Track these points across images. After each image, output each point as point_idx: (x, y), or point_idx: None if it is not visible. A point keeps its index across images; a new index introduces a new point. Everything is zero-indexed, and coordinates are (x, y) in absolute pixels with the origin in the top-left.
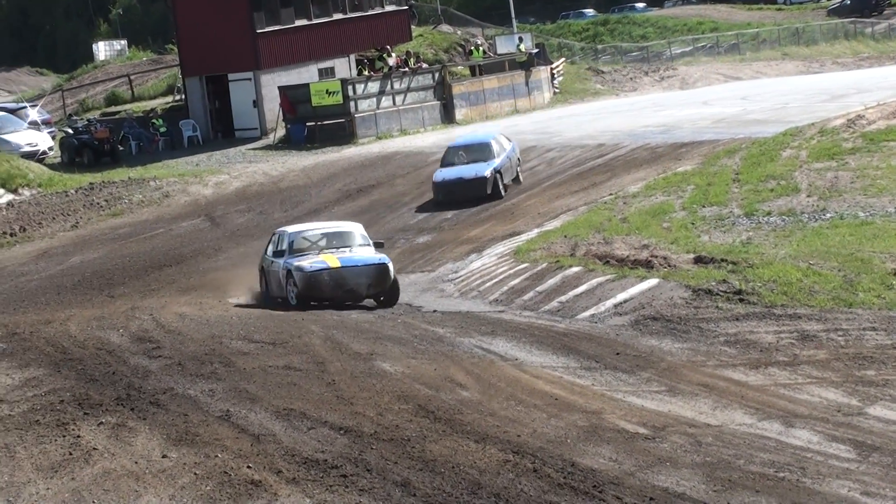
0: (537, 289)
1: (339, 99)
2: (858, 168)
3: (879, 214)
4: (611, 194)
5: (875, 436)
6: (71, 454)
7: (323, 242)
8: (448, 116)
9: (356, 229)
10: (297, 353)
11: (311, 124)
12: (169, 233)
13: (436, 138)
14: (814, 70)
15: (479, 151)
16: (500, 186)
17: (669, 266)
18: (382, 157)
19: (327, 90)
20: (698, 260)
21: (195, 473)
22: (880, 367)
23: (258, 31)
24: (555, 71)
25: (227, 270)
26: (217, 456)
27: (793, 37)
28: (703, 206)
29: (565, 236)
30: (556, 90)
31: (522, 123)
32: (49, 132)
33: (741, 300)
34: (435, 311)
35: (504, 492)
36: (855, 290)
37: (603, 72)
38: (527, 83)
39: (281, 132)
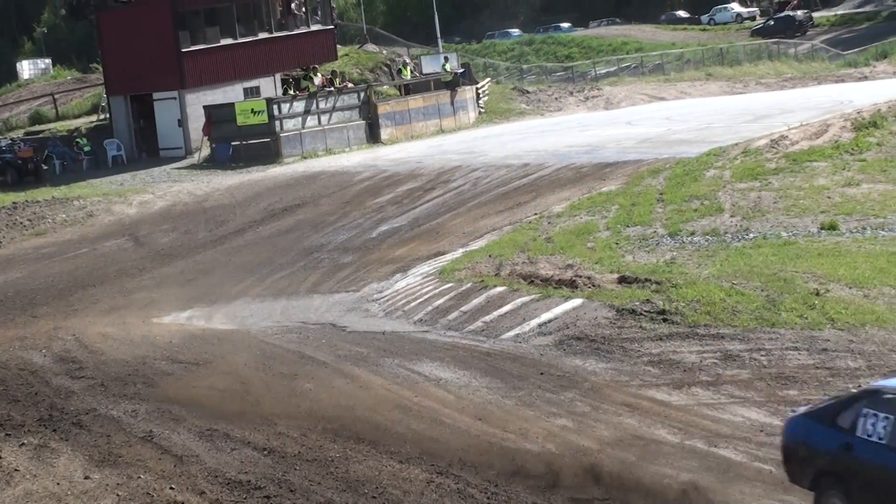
0: (462, 308)
1: (264, 118)
2: (781, 188)
3: (802, 234)
4: (535, 214)
5: None
6: None
7: None
8: (373, 136)
9: None
10: (221, 373)
11: (237, 143)
12: (93, 252)
13: (361, 158)
14: (737, 90)
15: None
16: None
17: (593, 286)
18: (307, 176)
19: (252, 109)
20: (622, 280)
21: (118, 494)
22: (802, 386)
23: (183, 49)
24: (480, 91)
25: (151, 290)
26: (140, 477)
27: (717, 57)
28: (628, 226)
29: (490, 256)
30: (482, 110)
31: (448, 143)
32: None
33: (665, 320)
34: (357, 331)
35: None
36: (777, 309)
37: (528, 91)
38: (452, 103)
39: (206, 151)
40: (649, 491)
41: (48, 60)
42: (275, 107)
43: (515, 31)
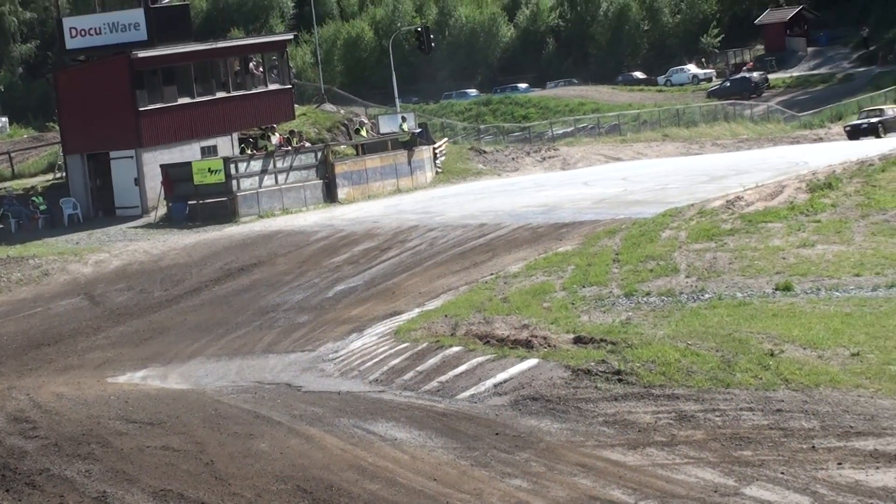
0: (417, 368)
1: (221, 177)
2: (737, 249)
3: (757, 295)
4: (492, 274)
5: None
6: None
7: None
8: (330, 195)
9: None
10: (176, 433)
11: (193, 202)
12: (47, 311)
13: (318, 217)
14: (694, 151)
15: None
16: None
17: (549, 346)
18: (264, 235)
19: (209, 168)
20: (578, 340)
21: None
22: (756, 447)
23: (140, 108)
24: (437, 150)
25: (106, 350)
26: None
27: (673, 118)
28: (584, 286)
29: (446, 316)
30: (439, 170)
31: (404, 203)
32: None
33: (620, 380)
34: (313, 391)
35: None
36: (732, 370)
37: (485, 152)
38: (409, 163)
39: (162, 210)
40: None
41: (4, 119)
42: (232, 166)
43: (473, 92)
